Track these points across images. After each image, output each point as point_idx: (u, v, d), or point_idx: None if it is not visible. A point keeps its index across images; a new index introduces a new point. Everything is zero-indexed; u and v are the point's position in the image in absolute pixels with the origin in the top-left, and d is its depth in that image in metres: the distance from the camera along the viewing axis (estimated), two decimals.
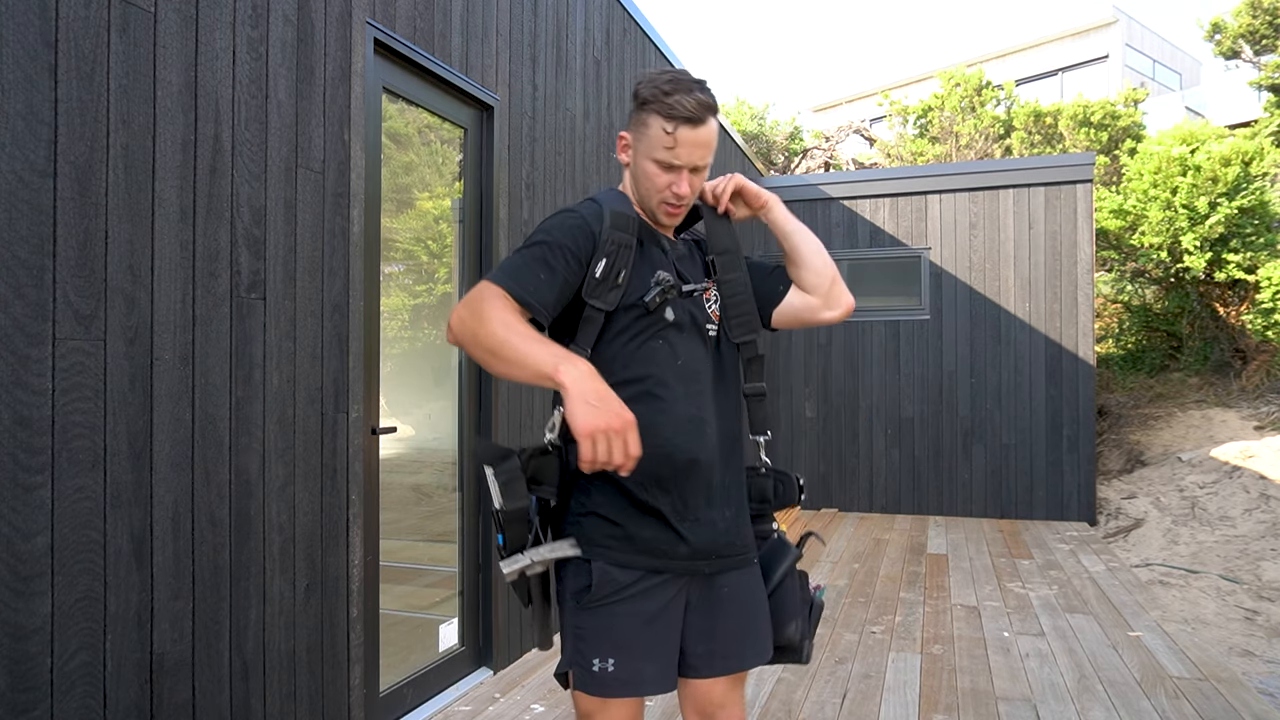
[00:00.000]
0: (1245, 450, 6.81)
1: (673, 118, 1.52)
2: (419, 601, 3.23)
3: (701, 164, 1.57)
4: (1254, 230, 7.95)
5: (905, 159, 14.13)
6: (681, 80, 1.54)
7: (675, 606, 1.58)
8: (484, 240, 3.56)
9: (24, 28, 1.69)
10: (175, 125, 2.04)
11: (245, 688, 2.24)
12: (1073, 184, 7.04)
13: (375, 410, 2.85)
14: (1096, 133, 12.43)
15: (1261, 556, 5.42)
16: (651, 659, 1.54)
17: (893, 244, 7.50)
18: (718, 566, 1.59)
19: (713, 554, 1.58)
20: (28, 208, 1.70)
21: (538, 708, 3.18)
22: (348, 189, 2.65)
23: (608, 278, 1.54)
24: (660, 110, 1.52)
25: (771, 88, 67.80)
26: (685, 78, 1.55)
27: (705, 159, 1.57)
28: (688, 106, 1.51)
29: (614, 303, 1.54)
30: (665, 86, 1.53)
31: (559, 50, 4.15)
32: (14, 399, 1.67)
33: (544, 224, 1.57)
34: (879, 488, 7.48)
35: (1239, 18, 11.72)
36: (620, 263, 1.56)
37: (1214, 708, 3.16)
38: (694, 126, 1.52)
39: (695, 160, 1.56)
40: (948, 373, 7.31)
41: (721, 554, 1.59)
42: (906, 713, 3.17)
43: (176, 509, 2.03)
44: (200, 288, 2.11)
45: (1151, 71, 21.21)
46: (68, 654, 1.77)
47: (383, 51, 2.90)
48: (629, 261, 1.56)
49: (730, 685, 1.64)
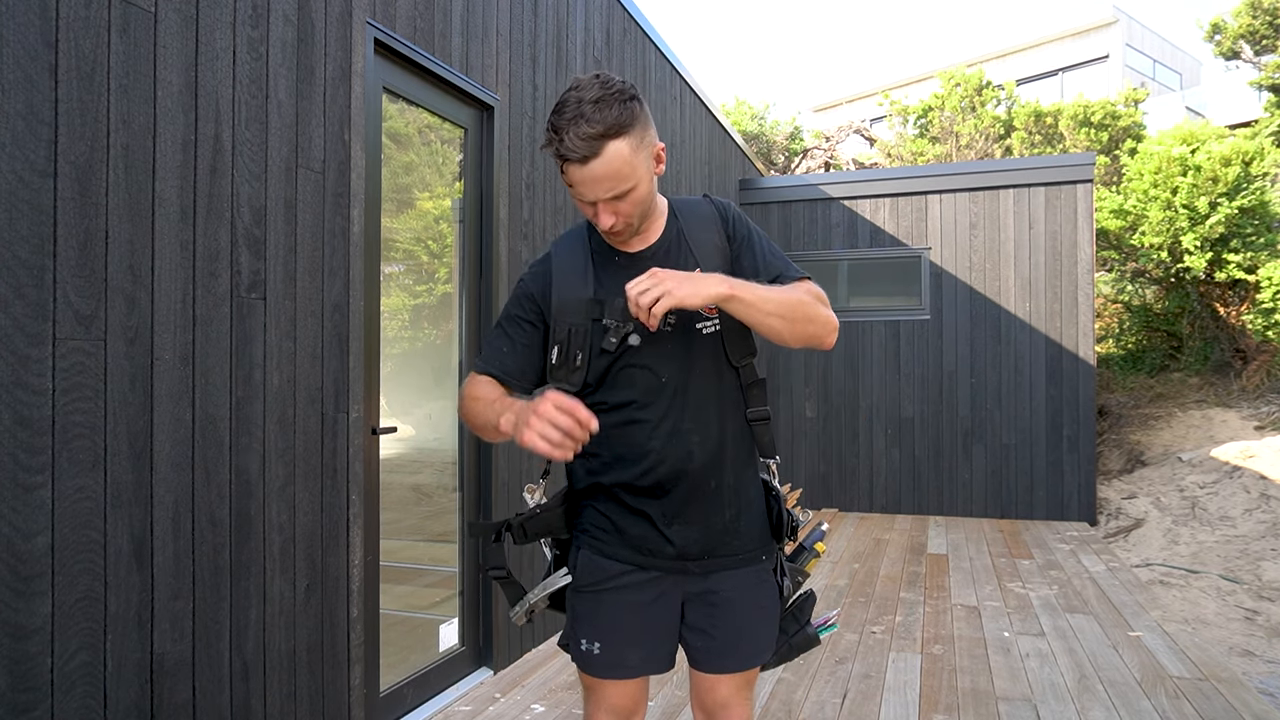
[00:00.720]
0: (1245, 450, 6.81)
1: (559, 157, 1.41)
2: (419, 601, 3.23)
3: (613, 194, 1.43)
4: (1254, 230, 7.95)
5: (905, 159, 14.13)
6: (571, 106, 1.39)
7: (668, 600, 1.60)
8: (484, 240, 3.56)
9: (24, 28, 1.69)
10: (175, 125, 2.04)
11: (245, 688, 2.24)
12: (1073, 184, 7.04)
13: (375, 410, 2.85)
14: (1097, 133, 12.43)
15: (1261, 556, 5.42)
16: (636, 645, 1.60)
17: (893, 244, 7.50)
18: (710, 567, 1.59)
19: (704, 554, 1.58)
20: (28, 208, 1.70)
21: (538, 708, 3.18)
22: (348, 189, 2.65)
23: (565, 363, 1.55)
24: (552, 149, 1.42)
25: (771, 88, 67.80)
26: (582, 99, 1.39)
27: (616, 188, 1.42)
28: (569, 144, 1.38)
29: (578, 383, 1.55)
30: (555, 119, 1.40)
31: (559, 50, 4.15)
32: (14, 399, 1.67)
33: None
34: (879, 488, 7.48)
35: (1239, 18, 11.72)
36: (575, 344, 1.54)
37: (1214, 708, 3.16)
38: (581, 165, 1.39)
39: (600, 194, 1.43)
40: (948, 373, 7.31)
41: (715, 554, 1.58)
42: (907, 713, 3.17)
43: (177, 509, 2.03)
44: (200, 288, 2.11)
45: (1152, 71, 21.21)
46: (68, 654, 1.77)
47: (383, 51, 2.90)
48: (584, 341, 1.54)
49: (736, 687, 1.64)
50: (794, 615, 1.69)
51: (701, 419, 1.55)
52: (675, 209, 1.63)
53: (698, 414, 1.55)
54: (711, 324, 1.56)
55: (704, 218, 1.63)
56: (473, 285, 3.53)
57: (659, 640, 1.61)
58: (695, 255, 1.58)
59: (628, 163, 1.41)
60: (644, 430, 1.54)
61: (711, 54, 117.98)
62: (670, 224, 1.61)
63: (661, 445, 1.53)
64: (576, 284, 1.56)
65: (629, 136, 1.41)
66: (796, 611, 1.69)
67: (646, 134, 1.45)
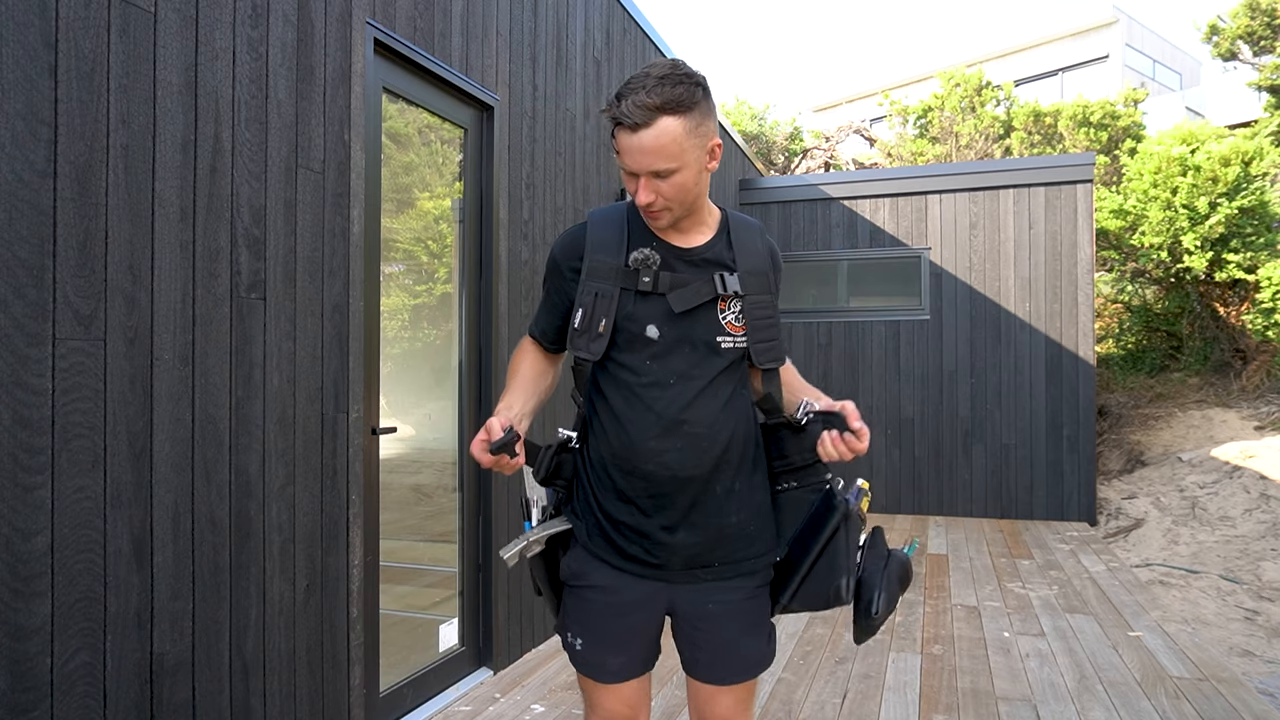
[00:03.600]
0: (1245, 450, 6.81)
1: (614, 121, 1.43)
2: (419, 601, 3.23)
3: (655, 169, 1.43)
4: (1254, 230, 7.95)
5: (905, 159, 14.13)
6: (639, 78, 1.41)
7: (652, 606, 1.60)
8: (484, 240, 3.56)
9: (24, 28, 1.69)
10: (175, 125, 2.04)
11: (245, 688, 2.24)
12: (1073, 184, 7.04)
13: (375, 410, 2.85)
14: (1096, 133, 12.43)
15: (1261, 556, 5.42)
16: (617, 650, 1.60)
17: (893, 244, 7.50)
18: (702, 577, 1.58)
19: (696, 565, 1.57)
20: (28, 208, 1.70)
21: (538, 708, 3.18)
22: (348, 189, 2.65)
23: (588, 329, 1.54)
24: (609, 114, 1.44)
25: (771, 88, 67.78)
26: (650, 74, 1.41)
27: (656, 164, 1.42)
28: (625, 109, 1.40)
29: (599, 352, 1.54)
30: (621, 88, 1.43)
31: (559, 50, 4.15)
32: (14, 399, 1.67)
33: None
34: (879, 488, 7.48)
35: (1236, 19, 11.71)
36: (600, 310, 1.53)
37: (1214, 708, 3.16)
38: (632, 132, 1.40)
39: (643, 166, 1.42)
40: (948, 373, 7.31)
41: (705, 564, 1.57)
42: (906, 713, 3.17)
43: (176, 509, 2.03)
44: (200, 288, 2.11)
45: (1151, 71, 21.21)
46: (68, 654, 1.77)
47: (383, 52, 2.90)
48: (609, 308, 1.53)
49: (736, 700, 1.62)
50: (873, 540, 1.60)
51: (713, 421, 1.54)
52: (732, 224, 1.62)
53: (710, 415, 1.54)
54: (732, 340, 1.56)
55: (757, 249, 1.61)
56: (473, 285, 3.53)
57: (640, 644, 1.62)
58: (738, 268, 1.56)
59: (676, 141, 1.41)
60: (648, 428, 1.53)
61: (711, 54, 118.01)
62: (719, 236, 1.59)
63: (666, 446, 1.53)
64: (610, 251, 1.56)
65: (685, 118, 1.41)
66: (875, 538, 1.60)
67: (705, 123, 1.45)
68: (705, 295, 1.53)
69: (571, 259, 1.59)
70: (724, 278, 1.54)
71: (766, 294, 1.58)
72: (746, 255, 1.58)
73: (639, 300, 1.54)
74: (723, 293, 1.54)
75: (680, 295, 1.53)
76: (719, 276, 1.54)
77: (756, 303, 1.56)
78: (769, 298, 1.59)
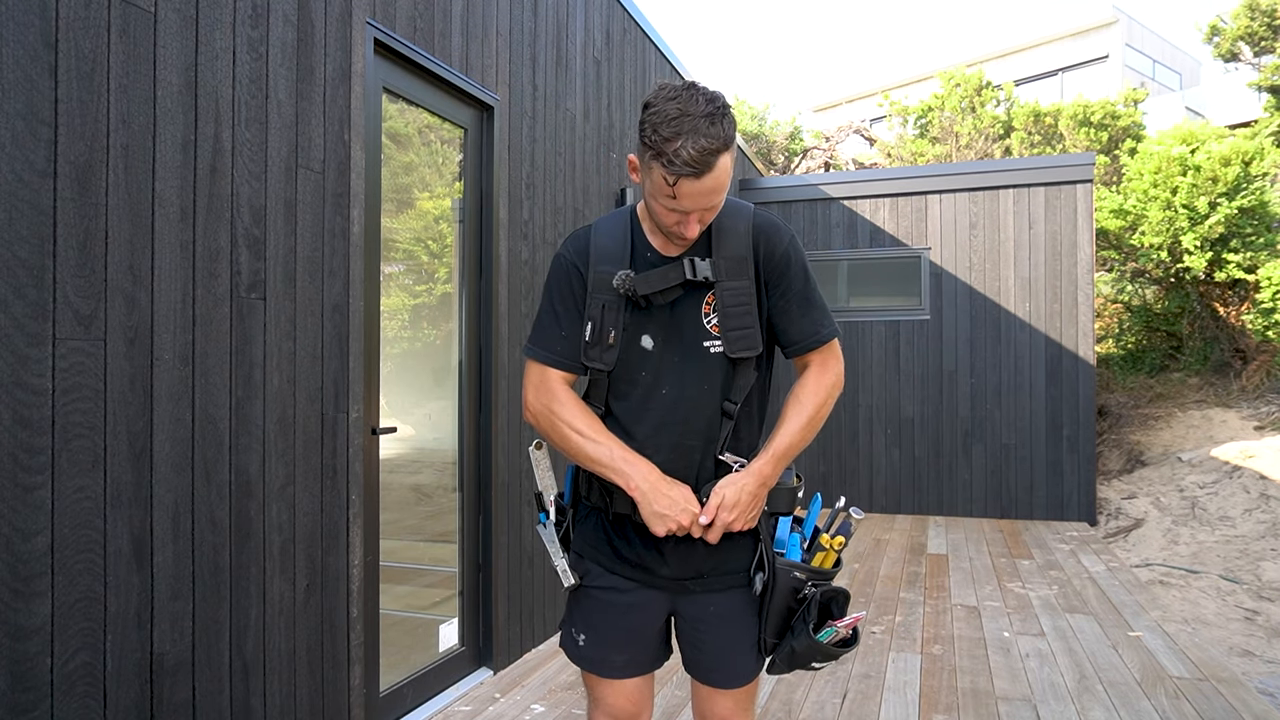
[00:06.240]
0: (1245, 450, 6.81)
1: (672, 169, 1.37)
2: (419, 601, 3.23)
3: (709, 206, 1.44)
4: (1254, 230, 7.95)
5: (905, 159, 14.13)
6: (686, 120, 1.35)
7: (655, 609, 1.63)
8: (484, 240, 3.56)
9: (24, 28, 1.69)
10: (175, 125, 2.04)
11: (245, 688, 2.24)
12: (1073, 184, 7.04)
13: (375, 410, 2.85)
14: (1096, 133, 12.43)
15: (1261, 556, 5.43)
16: (619, 649, 1.63)
17: (893, 244, 7.50)
18: (701, 586, 1.60)
19: (696, 574, 1.59)
20: (28, 208, 1.70)
21: (538, 708, 3.18)
22: (348, 189, 2.65)
23: (599, 341, 1.55)
24: (660, 160, 1.37)
25: (771, 88, 67.77)
26: (692, 114, 1.36)
27: (713, 200, 1.43)
28: (686, 157, 1.35)
29: (611, 361, 1.56)
30: (666, 131, 1.36)
31: (559, 50, 4.15)
32: (14, 399, 1.67)
33: None
34: (879, 488, 7.48)
35: (1237, 20, 11.71)
36: (608, 321, 1.54)
37: (1214, 708, 3.16)
38: (696, 178, 1.37)
39: (701, 205, 1.42)
40: (948, 373, 7.31)
41: (704, 573, 1.59)
42: (906, 713, 3.17)
43: (176, 509, 2.03)
44: (200, 288, 2.11)
45: (1151, 71, 21.21)
46: (68, 654, 1.77)
47: (383, 51, 2.90)
48: (616, 319, 1.54)
49: (735, 702, 1.64)
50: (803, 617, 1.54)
51: (699, 429, 1.56)
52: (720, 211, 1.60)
53: (706, 425, 1.56)
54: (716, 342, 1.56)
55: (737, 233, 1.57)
56: (472, 285, 3.53)
57: (642, 644, 1.64)
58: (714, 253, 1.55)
59: (727, 172, 1.41)
60: (646, 436, 1.56)
61: (711, 54, 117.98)
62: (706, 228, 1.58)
63: (661, 460, 1.55)
64: (614, 263, 1.56)
65: (732, 150, 1.41)
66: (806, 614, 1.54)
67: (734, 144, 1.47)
68: (673, 279, 1.51)
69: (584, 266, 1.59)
70: (694, 263, 1.52)
71: (744, 279, 1.54)
72: (724, 240, 1.55)
73: (636, 311, 1.56)
74: (692, 277, 1.51)
75: (646, 278, 1.51)
76: (688, 261, 1.53)
77: (731, 289, 1.54)
78: (746, 284, 1.54)
